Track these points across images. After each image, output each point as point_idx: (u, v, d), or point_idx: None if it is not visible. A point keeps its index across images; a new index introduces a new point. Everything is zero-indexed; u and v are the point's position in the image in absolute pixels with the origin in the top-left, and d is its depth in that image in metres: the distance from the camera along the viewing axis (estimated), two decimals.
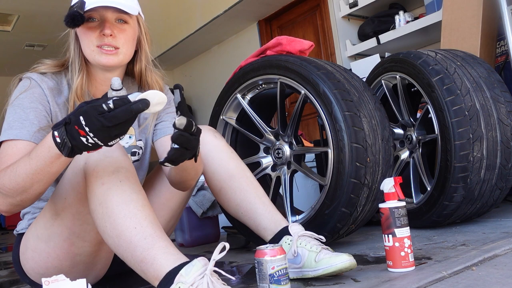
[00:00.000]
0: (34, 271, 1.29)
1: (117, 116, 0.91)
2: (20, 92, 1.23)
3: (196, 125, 1.04)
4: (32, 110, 1.20)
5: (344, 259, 1.14)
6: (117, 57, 1.27)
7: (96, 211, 1.07)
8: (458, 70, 1.71)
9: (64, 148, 0.95)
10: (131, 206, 1.06)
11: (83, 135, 0.92)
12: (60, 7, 5.44)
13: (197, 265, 0.97)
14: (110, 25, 1.24)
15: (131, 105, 0.91)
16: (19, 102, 1.21)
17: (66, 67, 1.32)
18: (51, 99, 1.25)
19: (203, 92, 5.30)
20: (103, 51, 1.24)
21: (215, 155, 1.40)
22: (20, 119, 1.18)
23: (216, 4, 4.37)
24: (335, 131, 1.49)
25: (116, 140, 0.96)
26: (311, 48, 1.79)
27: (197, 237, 2.25)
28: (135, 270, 1.05)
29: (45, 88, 1.25)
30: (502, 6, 2.09)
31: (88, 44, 1.25)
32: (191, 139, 1.02)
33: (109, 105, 0.91)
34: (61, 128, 0.94)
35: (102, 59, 1.25)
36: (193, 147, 1.05)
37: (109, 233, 1.06)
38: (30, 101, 1.21)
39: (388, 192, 1.20)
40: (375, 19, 3.50)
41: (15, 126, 1.17)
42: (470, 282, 0.99)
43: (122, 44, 1.26)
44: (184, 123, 0.99)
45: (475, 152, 1.62)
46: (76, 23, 1.17)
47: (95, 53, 1.25)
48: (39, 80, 1.25)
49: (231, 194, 1.38)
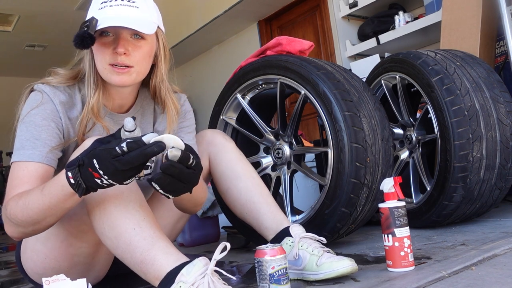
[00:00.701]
0: (33, 271, 1.30)
1: (131, 161, 0.90)
2: (32, 108, 1.17)
3: (194, 159, 0.98)
4: (44, 129, 1.16)
5: (346, 264, 1.13)
6: (130, 76, 1.18)
7: (94, 212, 1.07)
8: (457, 70, 1.71)
9: (79, 189, 0.95)
10: (130, 207, 1.05)
11: (98, 177, 0.92)
12: (60, 7, 5.48)
13: (198, 265, 0.98)
14: (125, 43, 1.15)
15: (145, 148, 0.90)
16: (31, 119, 1.16)
17: (80, 79, 1.25)
18: (63, 115, 1.19)
19: (203, 92, 5.30)
20: (115, 70, 1.16)
21: (224, 156, 1.43)
22: (32, 138, 1.14)
23: (216, 4, 4.37)
24: (335, 131, 1.49)
25: (132, 179, 0.95)
26: (311, 48, 1.80)
27: (197, 237, 2.25)
28: (135, 271, 1.05)
29: (57, 103, 1.19)
30: (502, 6, 2.10)
31: (101, 61, 1.17)
32: (185, 172, 0.96)
33: (122, 148, 0.90)
34: (75, 169, 0.94)
35: (114, 78, 1.17)
36: (188, 181, 0.99)
37: (107, 234, 1.05)
38: (42, 118, 1.16)
39: (387, 192, 1.20)
40: (375, 19, 3.50)
41: (27, 146, 1.13)
42: (469, 282, 0.99)
43: (136, 62, 1.18)
44: (178, 156, 0.94)
45: (474, 152, 1.62)
46: (85, 45, 1.09)
47: (107, 71, 1.17)
48: (51, 95, 1.19)
49: (237, 194, 1.40)
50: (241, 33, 4.85)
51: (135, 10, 1.15)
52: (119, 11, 1.14)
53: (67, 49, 6.11)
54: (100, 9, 1.15)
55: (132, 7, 1.15)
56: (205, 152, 1.44)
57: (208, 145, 1.45)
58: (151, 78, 1.31)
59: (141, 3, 1.17)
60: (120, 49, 1.14)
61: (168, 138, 0.93)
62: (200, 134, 1.49)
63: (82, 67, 1.25)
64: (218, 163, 1.43)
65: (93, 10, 1.17)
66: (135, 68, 1.18)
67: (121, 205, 1.05)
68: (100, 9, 1.14)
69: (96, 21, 1.10)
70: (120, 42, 1.15)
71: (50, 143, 1.16)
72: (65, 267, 1.24)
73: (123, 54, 1.15)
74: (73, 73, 1.26)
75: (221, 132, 1.53)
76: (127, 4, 1.15)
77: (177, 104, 1.36)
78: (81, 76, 1.25)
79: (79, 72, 1.26)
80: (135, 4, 1.16)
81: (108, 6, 1.14)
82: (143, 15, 1.16)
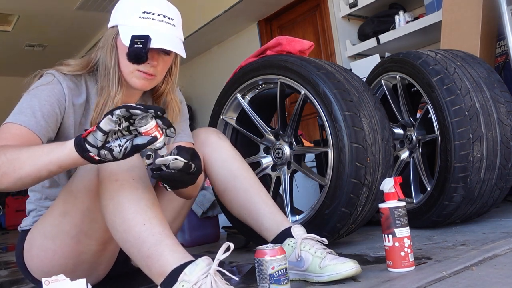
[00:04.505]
0: (38, 269, 1.30)
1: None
2: (41, 84, 1.22)
3: (195, 167, 1.06)
4: (47, 104, 1.19)
5: (350, 267, 1.13)
6: (151, 83, 1.29)
7: (107, 205, 1.10)
8: (458, 70, 1.71)
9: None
10: (142, 203, 1.08)
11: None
12: (60, 7, 5.48)
13: (201, 264, 0.99)
14: (158, 57, 1.25)
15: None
16: (37, 92, 1.20)
17: (89, 71, 1.31)
18: (68, 98, 1.24)
19: (203, 92, 5.29)
20: (142, 75, 1.25)
21: (219, 156, 1.42)
22: (33, 108, 1.17)
23: (216, 4, 4.37)
24: (335, 131, 1.49)
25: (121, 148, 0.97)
26: (311, 48, 1.79)
27: (197, 237, 2.25)
28: (139, 265, 1.06)
29: (65, 87, 1.24)
30: (502, 6, 2.09)
31: (128, 65, 1.23)
32: (185, 177, 1.06)
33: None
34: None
35: (137, 82, 1.26)
36: (187, 182, 1.09)
37: (118, 228, 1.08)
38: (48, 95, 1.20)
39: (388, 192, 1.20)
40: (375, 19, 3.50)
41: (26, 113, 1.16)
42: (470, 282, 0.99)
43: (159, 72, 1.28)
44: (180, 167, 1.03)
45: (475, 152, 1.62)
46: (139, 62, 1.17)
47: (133, 75, 1.25)
48: (61, 79, 1.24)
49: (235, 194, 1.39)
50: (241, 33, 4.85)
51: (174, 29, 1.24)
52: (163, 29, 1.21)
53: (67, 49, 6.09)
54: (142, 18, 1.20)
55: (171, 25, 1.23)
56: (199, 153, 1.43)
57: (202, 145, 1.44)
58: (162, 83, 1.38)
59: (177, 21, 1.26)
60: (154, 62, 1.24)
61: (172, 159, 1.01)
62: (194, 134, 1.48)
63: (95, 58, 1.30)
64: (213, 163, 1.42)
65: (131, 14, 1.21)
66: (157, 77, 1.29)
67: (135, 200, 1.08)
68: (142, 18, 1.20)
69: (149, 40, 1.15)
70: (155, 56, 1.24)
71: (48, 119, 1.19)
72: (71, 264, 1.26)
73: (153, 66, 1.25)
74: (84, 63, 1.31)
75: (215, 130, 1.51)
76: (168, 22, 1.23)
77: (179, 104, 1.43)
78: (91, 67, 1.31)
79: (90, 62, 1.31)
80: (173, 22, 1.24)
81: (151, 19, 1.21)
82: (179, 35, 1.26)
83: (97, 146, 0.94)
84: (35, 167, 1.02)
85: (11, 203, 6.24)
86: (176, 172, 1.03)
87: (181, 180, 1.07)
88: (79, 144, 0.96)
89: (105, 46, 1.27)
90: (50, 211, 1.26)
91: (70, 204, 1.20)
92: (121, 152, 0.95)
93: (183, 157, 1.02)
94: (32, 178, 1.04)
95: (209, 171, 1.43)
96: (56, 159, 1.00)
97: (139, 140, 0.94)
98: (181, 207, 1.49)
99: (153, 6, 1.21)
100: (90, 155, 0.96)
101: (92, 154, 0.95)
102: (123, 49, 1.22)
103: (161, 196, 1.45)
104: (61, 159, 1.00)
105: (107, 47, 1.27)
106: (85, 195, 1.17)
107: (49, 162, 1.01)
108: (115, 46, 1.26)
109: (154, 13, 1.20)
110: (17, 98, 1.24)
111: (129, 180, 1.10)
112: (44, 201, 1.36)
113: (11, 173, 1.03)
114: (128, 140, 0.95)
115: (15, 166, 1.02)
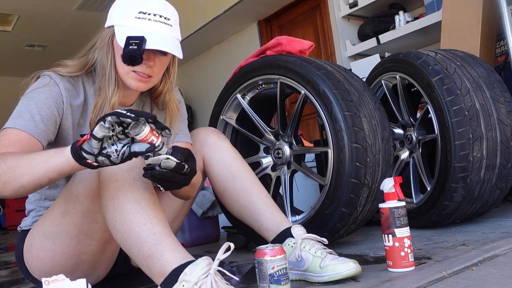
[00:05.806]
0: (38, 269, 1.30)
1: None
2: (38, 87, 1.21)
3: (188, 168, 1.04)
4: (45, 107, 1.19)
5: (350, 267, 1.13)
6: (147, 84, 1.27)
7: (108, 205, 1.10)
8: (458, 70, 1.71)
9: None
10: (143, 203, 1.08)
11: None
12: (60, 7, 5.49)
13: (202, 264, 0.99)
14: (154, 57, 1.23)
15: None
16: (35, 95, 1.20)
17: (86, 71, 1.30)
18: (66, 100, 1.24)
19: (203, 92, 5.30)
20: (138, 77, 1.24)
21: (219, 156, 1.42)
22: (31, 112, 1.16)
23: (216, 4, 4.37)
24: (335, 131, 1.49)
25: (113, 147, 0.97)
26: (311, 48, 1.79)
27: (197, 237, 2.25)
28: (140, 265, 1.06)
29: (63, 89, 1.23)
30: (502, 6, 2.10)
31: (123, 66, 1.22)
32: (177, 178, 1.04)
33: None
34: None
35: (133, 83, 1.25)
36: (179, 183, 1.07)
37: (118, 227, 1.08)
38: (46, 97, 1.20)
39: (388, 192, 1.20)
40: (375, 19, 3.50)
41: (24, 117, 1.16)
42: (470, 282, 0.99)
43: (155, 73, 1.26)
44: (172, 167, 1.00)
45: (475, 152, 1.62)
46: (134, 63, 1.15)
47: (129, 76, 1.24)
48: (58, 80, 1.24)
49: (234, 195, 1.39)
50: (241, 33, 4.85)
51: (170, 29, 1.23)
52: (159, 30, 1.20)
53: (67, 49, 6.09)
54: (138, 18, 1.20)
55: (167, 25, 1.22)
56: (198, 153, 1.43)
57: (201, 145, 1.43)
58: (160, 83, 1.37)
59: (174, 21, 1.25)
60: (151, 63, 1.22)
61: (164, 158, 0.99)
62: (193, 133, 1.48)
63: (92, 59, 1.29)
64: (213, 163, 1.42)
65: (127, 14, 1.20)
66: (153, 78, 1.27)
67: (135, 200, 1.08)
68: (138, 18, 1.19)
69: (144, 41, 1.14)
70: (151, 57, 1.23)
71: (47, 122, 1.18)
72: (71, 264, 1.26)
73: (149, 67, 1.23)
74: (81, 64, 1.30)
75: (214, 130, 1.50)
76: (164, 22, 1.21)
77: (178, 104, 1.42)
78: (89, 67, 1.30)
79: (87, 63, 1.30)
80: (169, 22, 1.23)
81: (147, 19, 1.19)
82: (176, 35, 1.25)
83: (93, 154, 0.94)
84: (35, 175, 1.02)
85: (11, 203, 6.24)
86: (168, 172, 1.01)
87: (173, 181, 1.05)
88: (76, 152, 0.96)
89: (101, 47, 1.27)
90: (50, 211, 1.26)
91: (70, 204, 1.20)
92: (119, 157, 0.94)
93: (176, 157, 1.00)
94: (34, 185, 1.04)
95: (209, 171, 1.43)
96: (55, 167, 1.00)
97: (137, 147, 0.94)
98: (181, 207, 1.49)
99: (149, 6, 1.20)
100: (88, 162, 0.96)
101: (89, 161, 0.95)
102: (119, 50, 1.21)
103: (161, 196, 1.46)
104: (60, 167, 1.00)
105: (103, 47, 1.26)
106: (85, 195, 1.17)
107: (48, 170, 1.01)
108: (111, 46, 1.25)
109: (150, 13, 1.20)
110: (17, 98, 1.24)
111: (129, 180, 1.10)
112: (43, 201, 1.36)
113: (12, 182, 1.03)
114: (125, 145, 0.95)
115: (16, 175, 1.02)
